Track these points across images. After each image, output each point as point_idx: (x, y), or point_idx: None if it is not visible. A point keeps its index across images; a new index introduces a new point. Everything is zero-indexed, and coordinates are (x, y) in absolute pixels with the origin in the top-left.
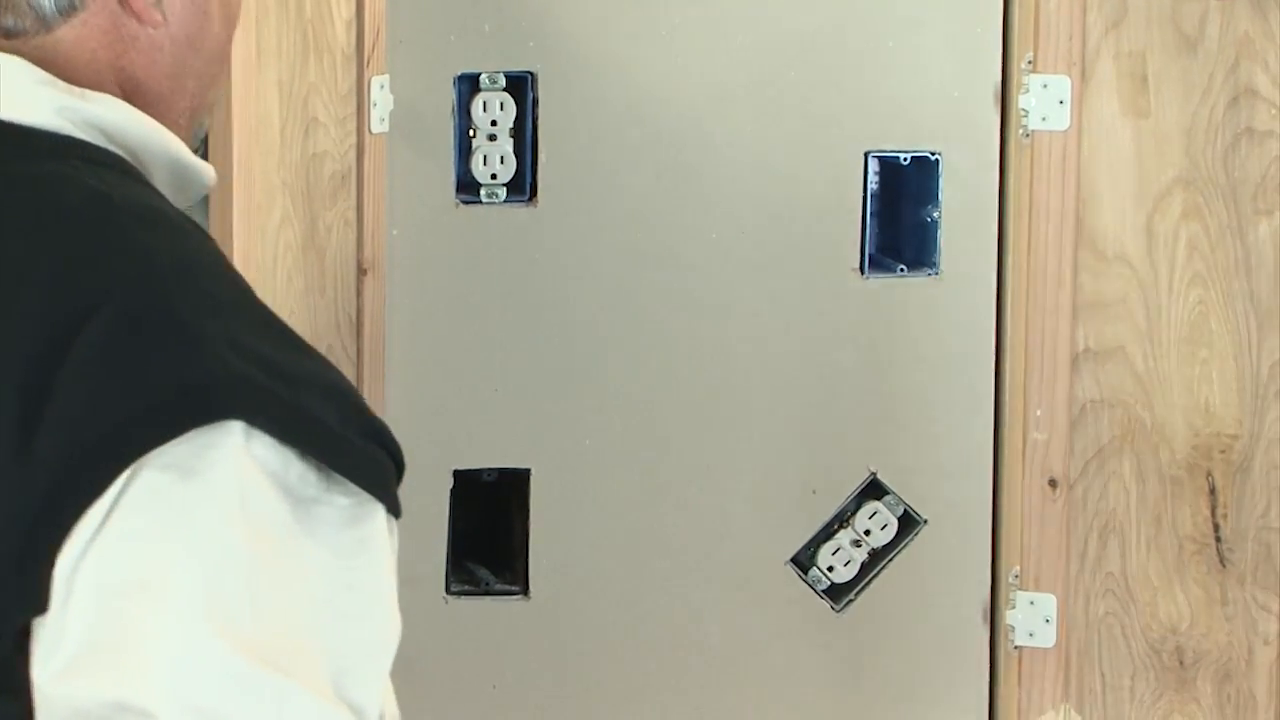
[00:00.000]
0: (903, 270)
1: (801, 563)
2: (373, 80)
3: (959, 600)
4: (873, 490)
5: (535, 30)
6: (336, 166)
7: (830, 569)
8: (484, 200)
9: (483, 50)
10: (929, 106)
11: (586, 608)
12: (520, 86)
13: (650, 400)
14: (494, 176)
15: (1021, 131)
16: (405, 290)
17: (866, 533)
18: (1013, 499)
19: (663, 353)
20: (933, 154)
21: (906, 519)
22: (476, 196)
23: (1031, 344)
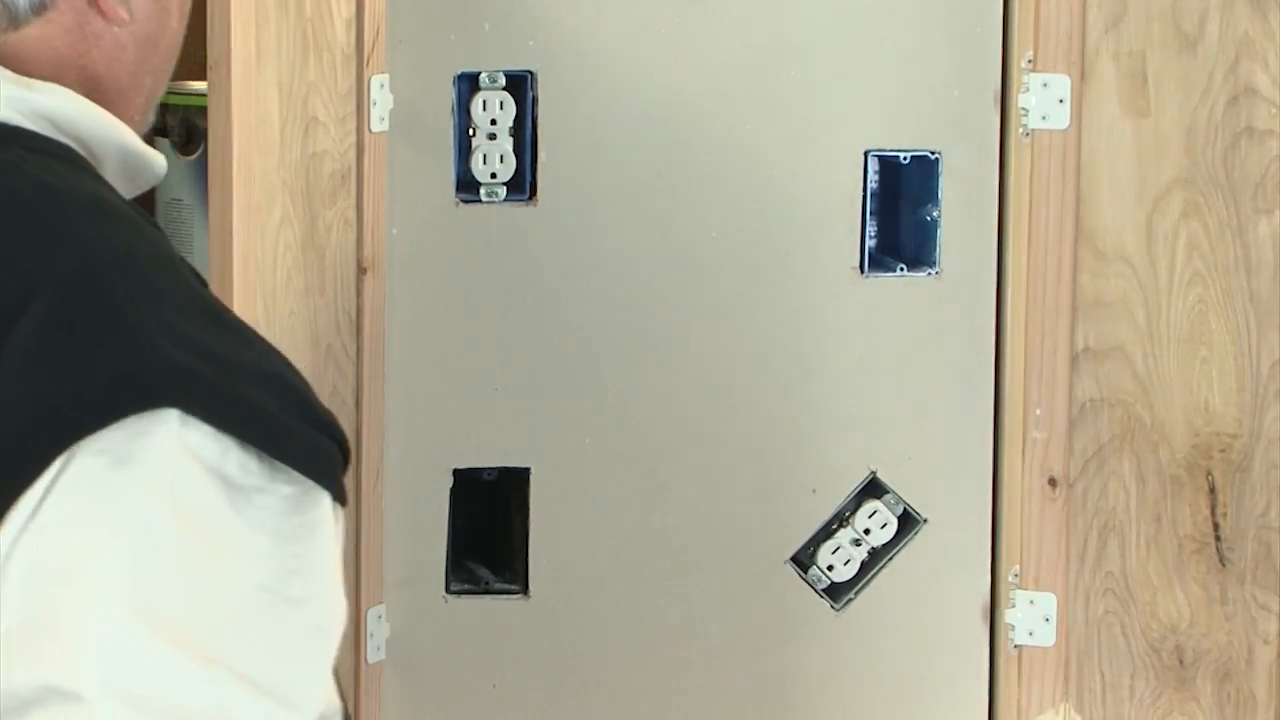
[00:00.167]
0: (902, 269)
1: (801, 562)
2: (372, 79)
3: (958, 599)
4: (872, 489)
5: (535, 29)
6: (336, 166)
7: (830, 568)
8: (484, 199)
9: (482, 49)
10: (928, 106)
11: (586, 606)
12: (520, 85)
13: (650, 399)
14: (494, 175)
15: (1021, 130)
16: (405, 289)
17: (866, 532)
18: (1012, 498)
19: (662, 351)
20: (932, 153)
21: (906, 518)
22: (476, 195)
23: (1031, 343)
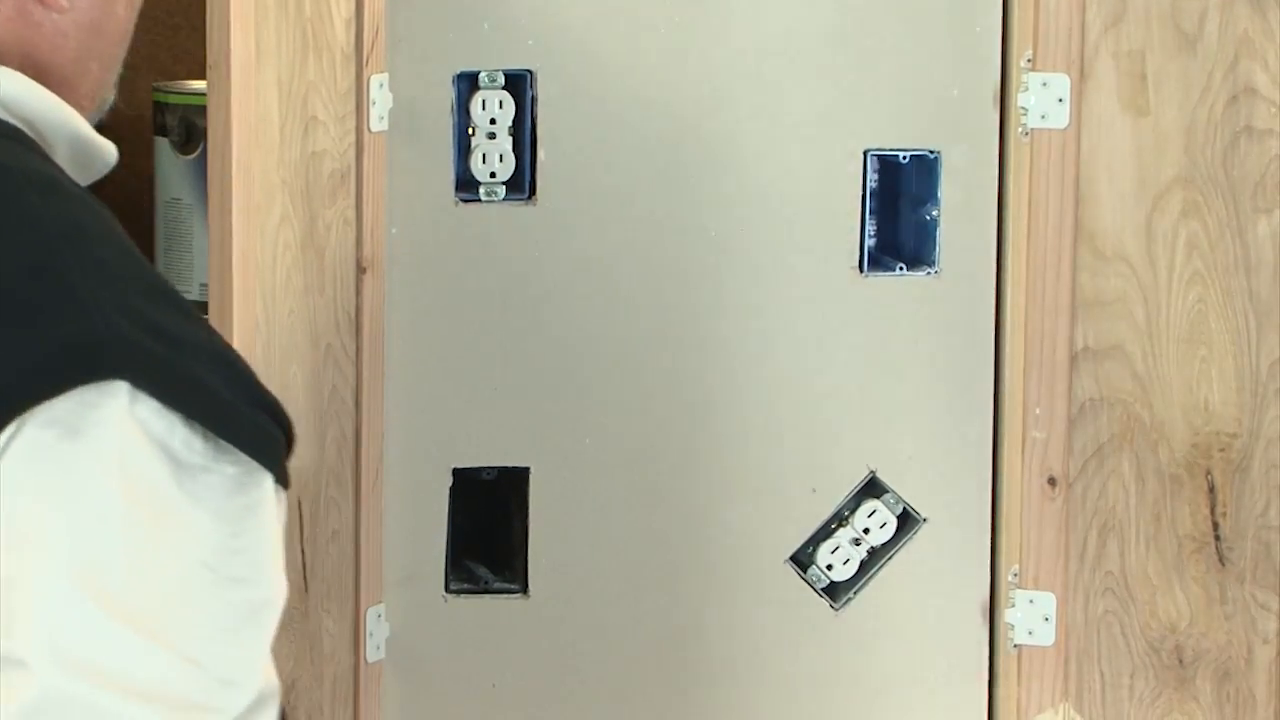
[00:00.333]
0: (902, 269)
1: (801, 561)
2: (372, 79)
3: (958, 598)
4: (872, 489)
5: (534, 29)
6: (336, 165)
7: (829, 567)
8: (483, 198)
9: (482, 49)
10: (928, 105)
11: (585, 606)
12: (519, 85)
13: (649, 398)
14: (493, 175)
15: (1020, 130)
16: (404, 288)
17: (866, 531)
18: (1012, 497)
19: (662, 351)
20: (932, 152)
21: (905, 517)
22: (475, 195)
23: (1030, 342)
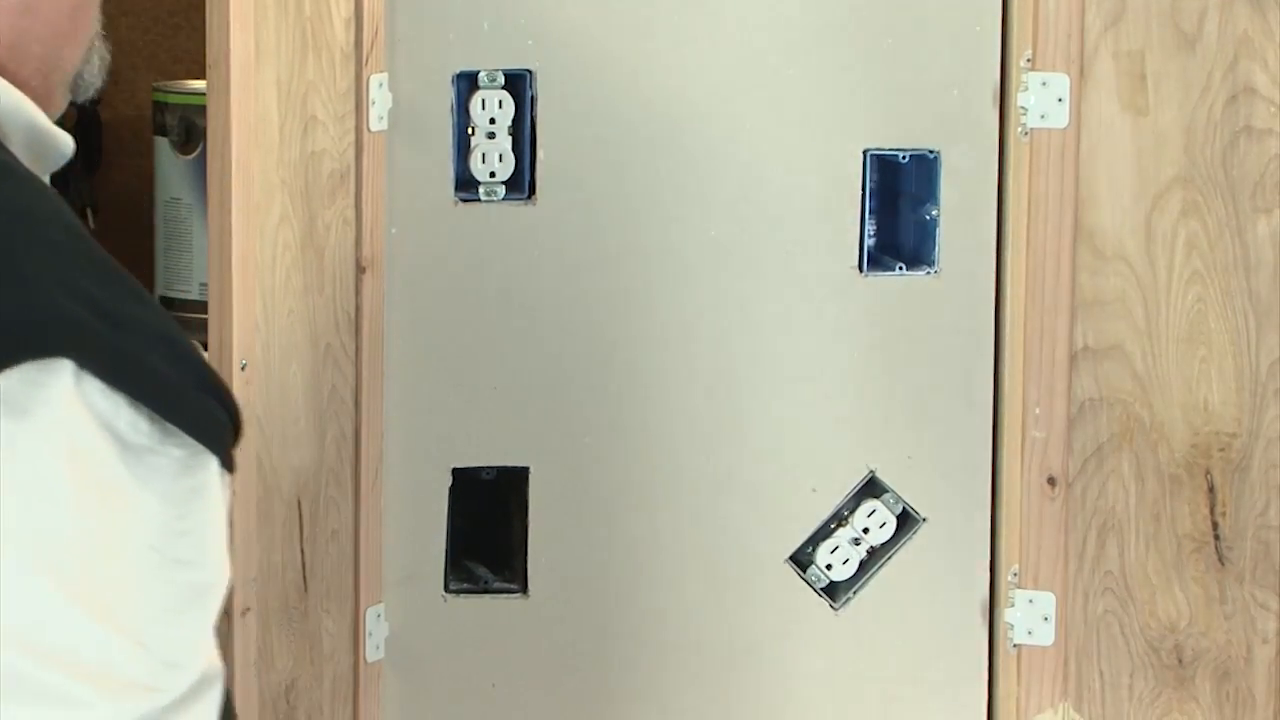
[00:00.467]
0: (901, 268)
1: (800, 561)
2: (371, 78)
3: (957, 598)
4: (871, 488)
5: (534, 28)
6: (335, 165)
7: (829, 567)
8: (483, 198)
9: (481, 48)
10: (927, 104)
11: (585, 606)
12: (519, 84)
13: (649, 398)
14: (492, 174)
15: (1020, 129)
16: (404, 288)
17: (865, 531)
18: (1011, 497)
19: (661, 350)
20: (931, 152)
21: (905, 517)
22: (475, 194)
23: (1030, 342)
